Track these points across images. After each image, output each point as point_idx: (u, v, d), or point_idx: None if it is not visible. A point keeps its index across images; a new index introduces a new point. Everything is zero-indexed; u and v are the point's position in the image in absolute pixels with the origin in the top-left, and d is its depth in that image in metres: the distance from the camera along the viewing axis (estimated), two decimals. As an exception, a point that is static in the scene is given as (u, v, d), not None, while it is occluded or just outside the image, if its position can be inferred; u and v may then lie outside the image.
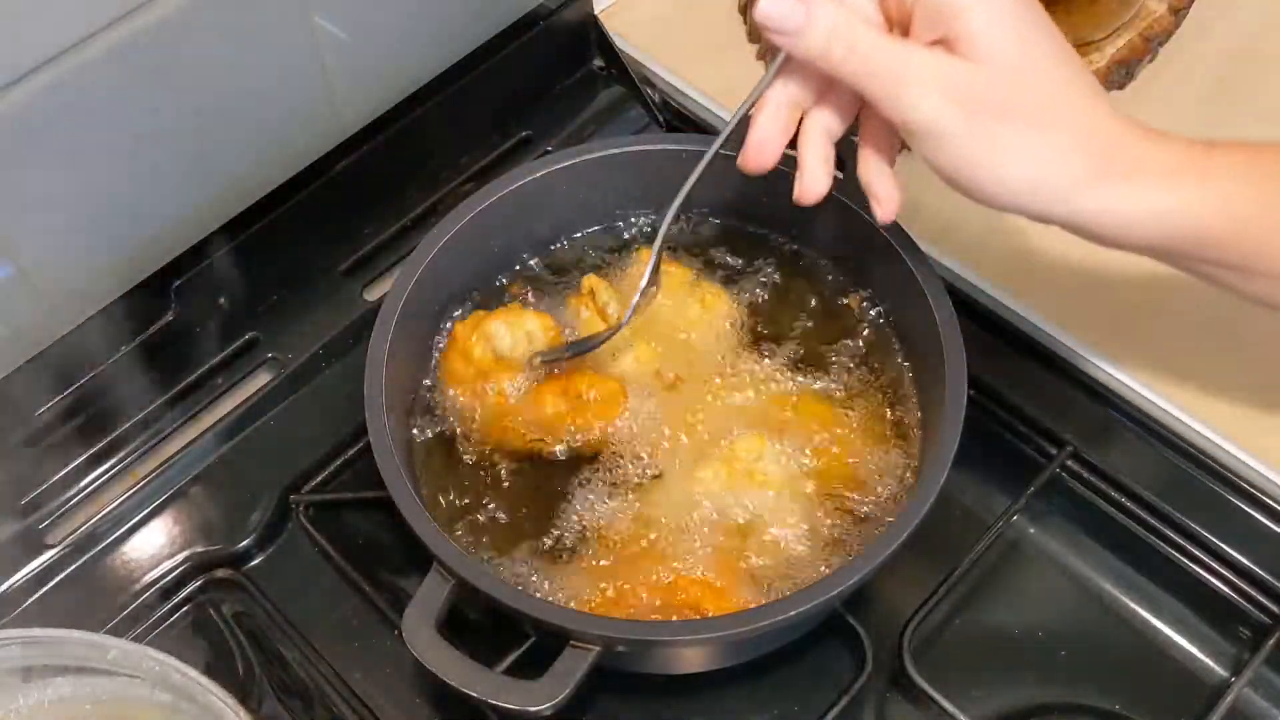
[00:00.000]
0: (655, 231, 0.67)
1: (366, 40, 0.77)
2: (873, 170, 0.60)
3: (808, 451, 0.68)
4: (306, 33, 0.73)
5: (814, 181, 0.60)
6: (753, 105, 0.60)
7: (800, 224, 0.76)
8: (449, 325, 0.74)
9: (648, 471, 0.68)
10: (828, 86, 0.59)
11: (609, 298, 0.72)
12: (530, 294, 0.76)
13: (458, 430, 0.70)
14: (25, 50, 0.60)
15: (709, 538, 0.65)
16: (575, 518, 0.67)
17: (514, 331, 0.71)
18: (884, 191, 0.60)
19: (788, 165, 0.72)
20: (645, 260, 0.68)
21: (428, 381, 0.72)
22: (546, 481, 0.68)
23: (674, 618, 0.63)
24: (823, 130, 0.60)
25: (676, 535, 0.66)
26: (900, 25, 0.56)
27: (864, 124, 0.60)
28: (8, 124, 0.61)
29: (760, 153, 0.60)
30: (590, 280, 0.73)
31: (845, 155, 0.73)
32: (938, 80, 0.53)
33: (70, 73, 0.62)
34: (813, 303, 0.74)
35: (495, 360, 0.70)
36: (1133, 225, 0.55)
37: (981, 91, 0.52)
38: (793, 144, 0.61)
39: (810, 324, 0.74)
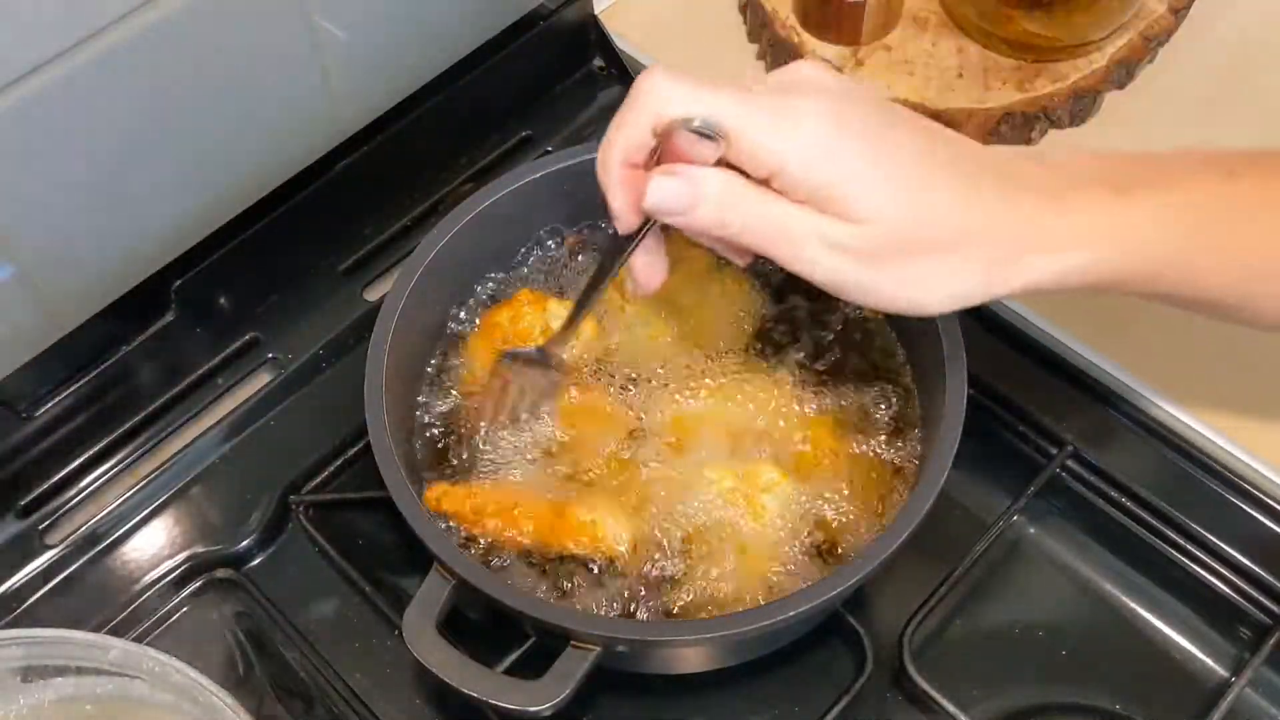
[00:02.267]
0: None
1: (366, 40, 0.77)
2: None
3: (819, 502, 0.67)
4: (306, 33, 0.73)
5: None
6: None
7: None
8: (450, 325, 0.74)
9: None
10: None
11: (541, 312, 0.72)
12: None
13: (459, 430, 0.70)
14: (25, 50, 0.60)
15: (680, 523, 0.66)
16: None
17: (534, 311, 0.72)
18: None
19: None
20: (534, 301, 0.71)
21: (429, 380, 0.72)
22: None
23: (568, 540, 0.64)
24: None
25: (658, 497, 0.66)
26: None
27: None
28: (8, 124, 0.61)
29: (649, 278, 0.60)
30: (525, 294, 0.73)
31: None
32: (828, 241, 0.52)
33: (70, 73, 0.62)
34: (814, 303, 0.74)
35: (542, 334, 0.71)
36: (1061, 285, 0.55)
37: (874, 245, 0.52)
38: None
39: (811, 323, 0.74)
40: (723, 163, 0.52)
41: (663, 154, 0.53)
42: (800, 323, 0.73)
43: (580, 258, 0.77)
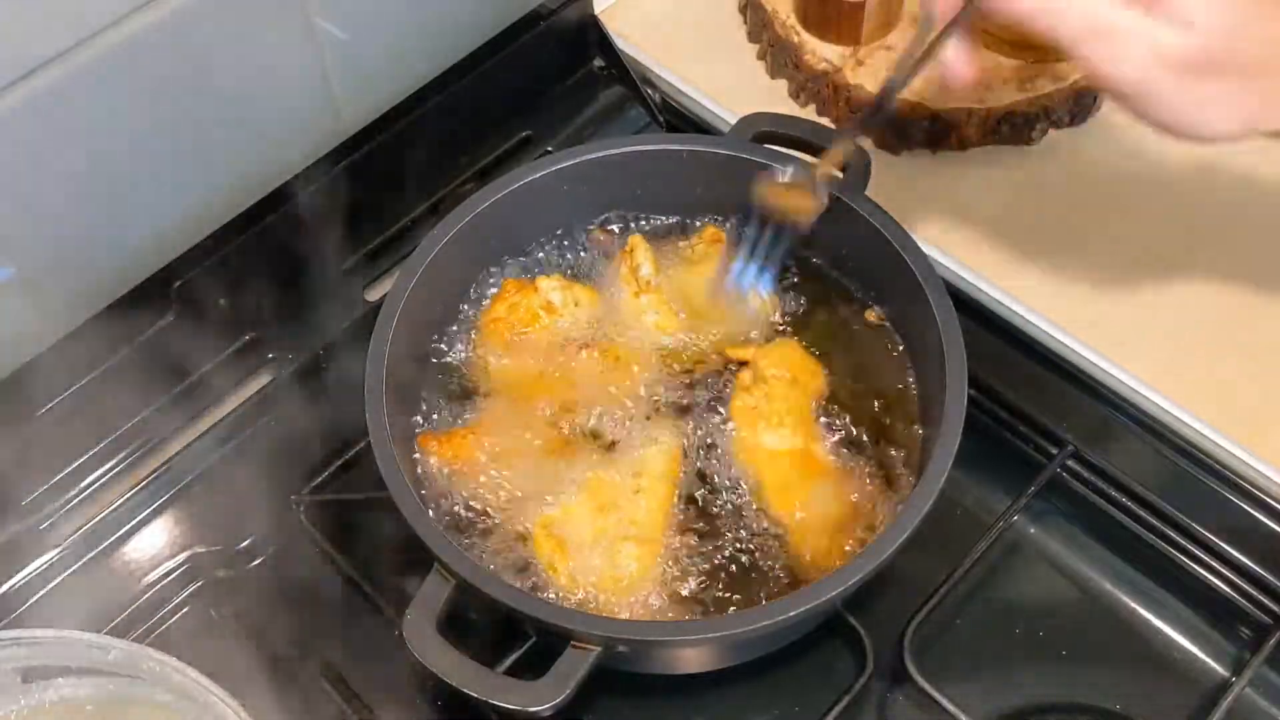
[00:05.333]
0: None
1: (366, 40, 0.77)
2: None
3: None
4: (306, 33, 0.73)
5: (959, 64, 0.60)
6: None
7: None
8: (453, 324, 0.74)
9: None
10: None
11: (644, 259, 0.74)
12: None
13: (460, 429, 0.70)
14: (25, 51, 0.60)
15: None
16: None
17: (564, 293, 0.73)
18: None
19: (781, 163, 0.73)
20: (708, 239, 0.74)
21: (428, 379, 0.72)
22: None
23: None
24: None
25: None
26: None
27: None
28: (8, 124, 0.61)
29: (968, 67, 0.60)
30: (634, 240, 0.74)
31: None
32: (1147, 43, 0.53)
33: (70, 74, 0.62)
34: (815, 303, 0.74)
35: (545, 311, 0.72)
36: None
37: (1192, 55, 0.53)
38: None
39: (811, 325, 0.74)
40: None
41: None
42: (803, 324, 0.73)
43: (584, 254, 0.77)
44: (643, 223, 0.78)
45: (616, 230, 0.77)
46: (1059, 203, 0.82)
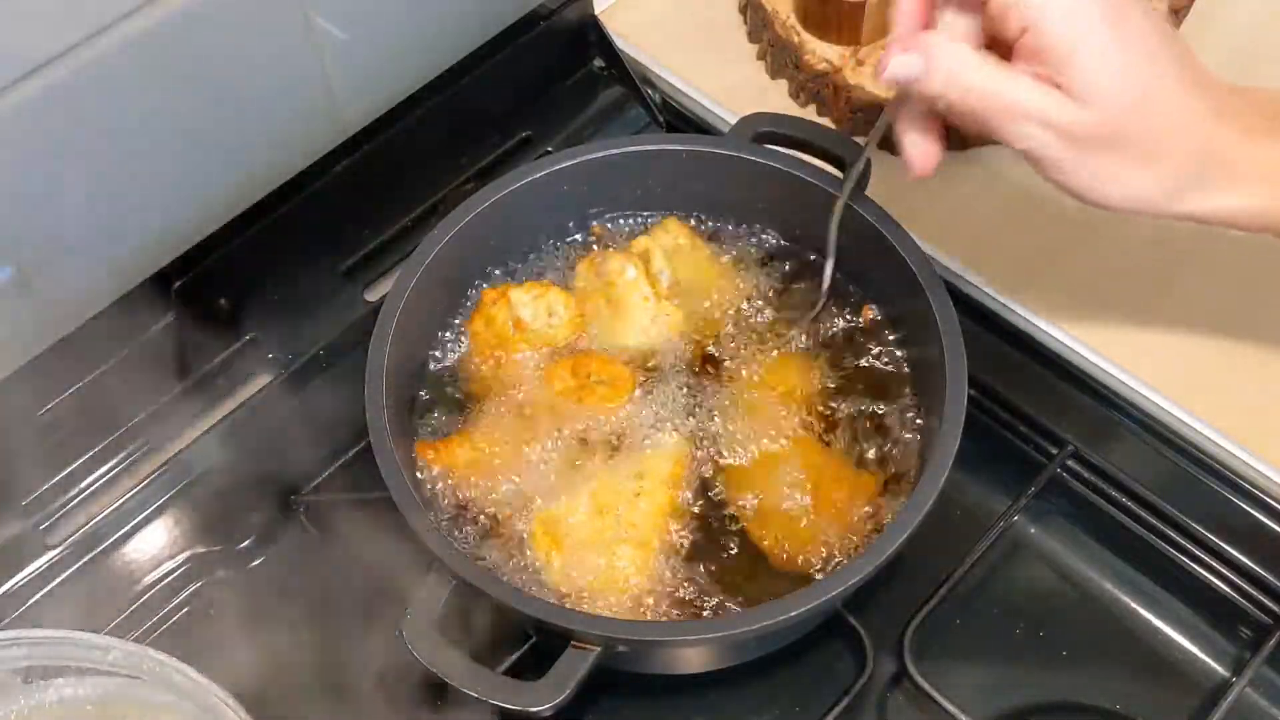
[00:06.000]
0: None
1: (366, 40, 0.77)
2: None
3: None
4: (306, 33, 0.73)
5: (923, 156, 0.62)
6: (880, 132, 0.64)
7: (800, 224, 0.75)
8: (455, 322, 0.74)
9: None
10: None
11: (663, 264, 0.74)
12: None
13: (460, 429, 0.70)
14: (24, 52, 0.60)
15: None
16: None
17: (536, 304, 0.72)
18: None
19: (782, 164, 0.73)
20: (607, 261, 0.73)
21: (428, 379, 0.72)
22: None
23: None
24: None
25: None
26: (999, 45, 0.58)
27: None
28: (8, 124, 0.61)
29: (925, 160, 0.62)
30: (488, 294, 0.74)
31: (844, 154, 0.73)
32: (1043, 116, 0.55)
33: (69, 74, 0.62)
34: (816, 306, 0.74)
35: (515, 329, 0.72)
36: (1235, 221, 0.59)
37: (1087, 130, 0.55)
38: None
39: (812, 327, 0.74)
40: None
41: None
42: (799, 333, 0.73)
43: (584, 254, 0.77)
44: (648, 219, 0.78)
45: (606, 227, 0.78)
46: (1059, 203, 0.81)
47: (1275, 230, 0.60)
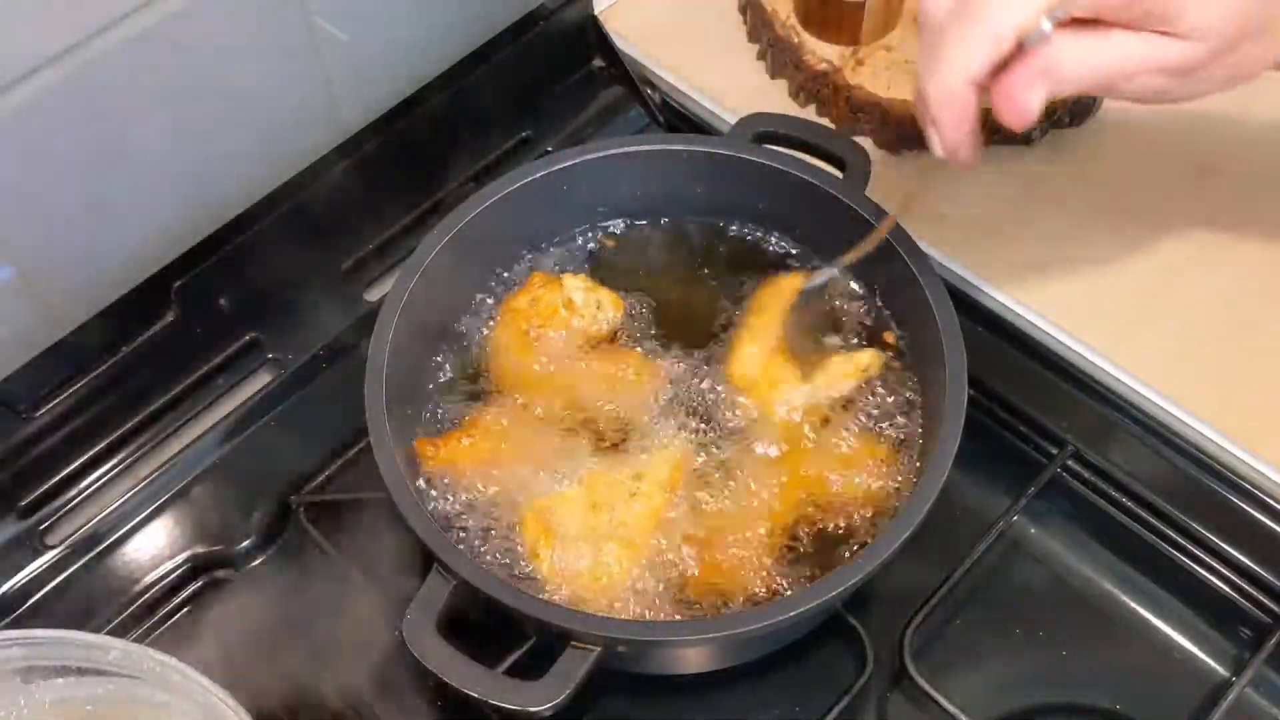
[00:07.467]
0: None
1: (366, 40, 0.77)
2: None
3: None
4: (306, 33, 0.73)
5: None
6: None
7: (800, 225, 0.76)
8: (454, 323, 0.74)
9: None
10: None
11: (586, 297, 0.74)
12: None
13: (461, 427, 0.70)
14: (24, 51, 0.60)
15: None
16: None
17: (587, 294, 0.73)
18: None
19: (782, 164, 0.73)
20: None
21: (429, 378, 0.72)
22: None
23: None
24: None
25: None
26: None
27: None
28: (8, 124, 0.61)
29: (961, 150, 0.60)
30: (537, 277, 0.74)
31: (844, 154, 0.73)
32: (1157, 66, 0.56)
33: (70, 74, 0.62)
34: (817, 304, 0.75)
35: (566, 309, 0.72)
36: None
37: (1200, 60, 0.56)
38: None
39: (812, 326, 0.74)
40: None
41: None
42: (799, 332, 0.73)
43: (591, 247, 0.77)
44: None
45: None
46: (1059, 203, 0.82)
47: None
